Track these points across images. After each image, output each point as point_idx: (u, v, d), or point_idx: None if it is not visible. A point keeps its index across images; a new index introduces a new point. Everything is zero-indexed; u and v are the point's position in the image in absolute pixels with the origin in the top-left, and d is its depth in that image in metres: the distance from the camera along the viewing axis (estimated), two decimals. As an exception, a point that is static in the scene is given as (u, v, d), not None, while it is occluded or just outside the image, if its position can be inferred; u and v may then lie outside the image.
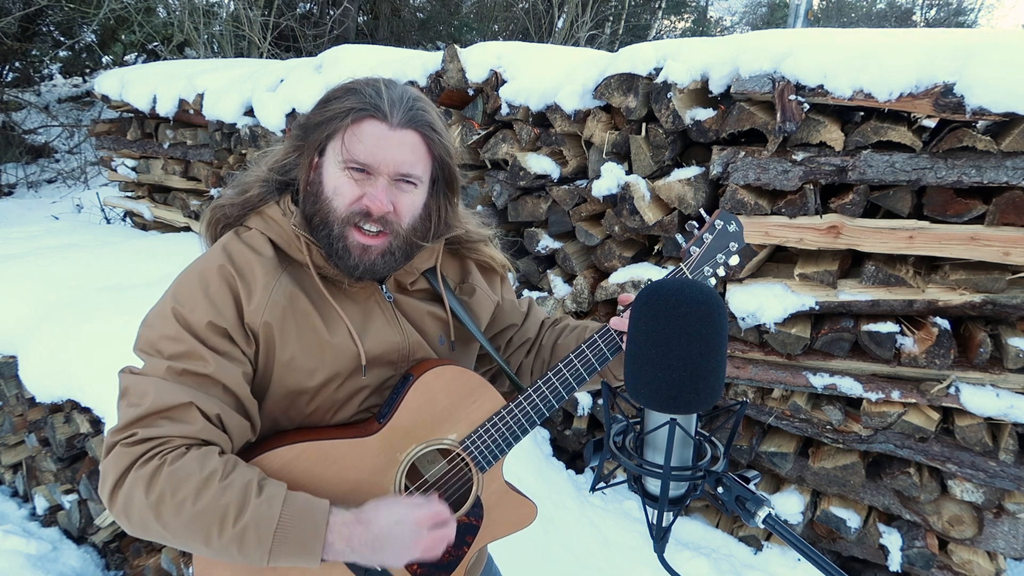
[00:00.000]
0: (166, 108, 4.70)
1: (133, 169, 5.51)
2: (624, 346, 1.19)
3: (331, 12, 9.14)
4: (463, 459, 1.22)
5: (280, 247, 1.14)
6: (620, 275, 2.73)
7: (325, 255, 1.12)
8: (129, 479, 0.96)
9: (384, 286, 1.20)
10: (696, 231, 1.35)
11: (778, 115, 2.20)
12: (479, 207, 3.21)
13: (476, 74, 3.07)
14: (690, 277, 1.31)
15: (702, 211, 1.41)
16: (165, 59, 8.17)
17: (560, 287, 2.98)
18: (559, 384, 1.23)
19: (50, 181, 8.42)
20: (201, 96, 4.46)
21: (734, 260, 1.34)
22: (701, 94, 2.51)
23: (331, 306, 1.13)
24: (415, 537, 1.05)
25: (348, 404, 1.17)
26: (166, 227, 5.38)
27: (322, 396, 1.13)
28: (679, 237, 1.36)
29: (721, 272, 1.34)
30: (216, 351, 1.03)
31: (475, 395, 1.20)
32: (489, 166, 3.16)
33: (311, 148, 1.11)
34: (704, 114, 2.43)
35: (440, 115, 1.15)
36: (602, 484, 0.90)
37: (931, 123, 2.15)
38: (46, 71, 9.36)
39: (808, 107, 2.21)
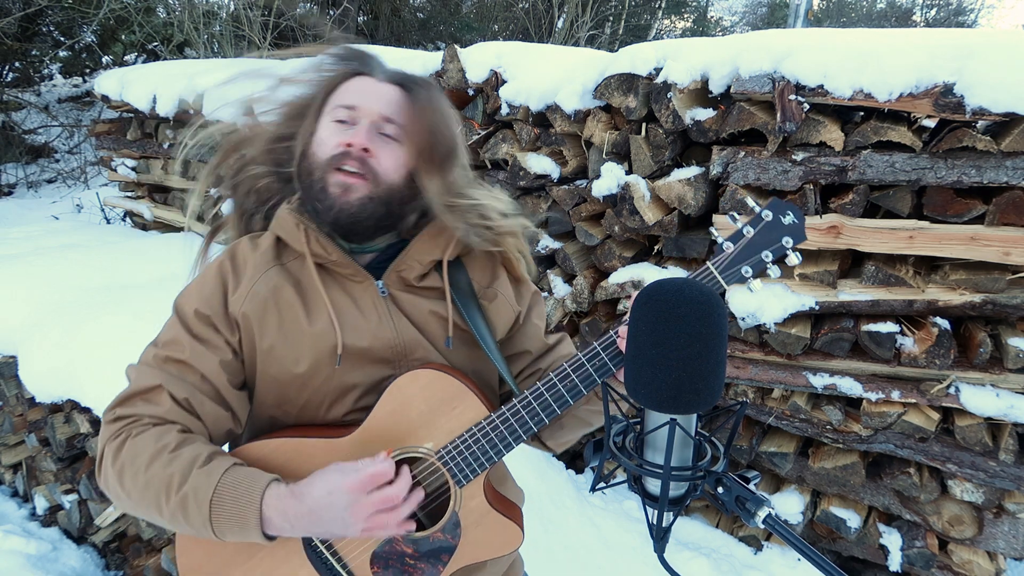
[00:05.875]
0: (166, 108, 4.69)
1: (133, 169, 5.50)
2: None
3: (331, 12, 9.14)
4: (439, 470, 1.12)
5: (285, 241, 1.17)
6: (620, 275, 2.73)
7: (313, 215, 1.13)
8: (106, 451, 1.05)
9: (381, 282, 1.16)
10: (737, 223, 1.10)
11: (778, 115, 2.20)
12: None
13: (476, 74, 3.07)
14: (719, 277, 1.09)
15: (749, 199, 1.12)
16: (165, 59, 8.16)
17: (560, 287, 2.98)
18: (551, 399, 1.10)
19: (50, 181, 8.41)
20: (201, 96, 4.46)
21: (793, 259, 1.06)
22: (701, 94, 2.51)
23: (319, 296, 1.12)
24: (351, 504, 0.98)
25: (341, 402, 1.13)
26: (166, 227, 5.37)
27: (310, 388, 1.12)
28: (713, 231, 1.18)
29: (771, 273, 1.09)
30: (196, 338, 1.09)
31: (455, 402, 1.10)
32: (489, 166, 3.16)
33: (312, 120, 1.15)
34: (704, 114, 2.43)
35: (442, 93, 1.17)
36: (602, 484, 0.90)
37: (931, 123, 2.15)
38: (46, 71, 9.34)
39: (808, 107, 2.20)
